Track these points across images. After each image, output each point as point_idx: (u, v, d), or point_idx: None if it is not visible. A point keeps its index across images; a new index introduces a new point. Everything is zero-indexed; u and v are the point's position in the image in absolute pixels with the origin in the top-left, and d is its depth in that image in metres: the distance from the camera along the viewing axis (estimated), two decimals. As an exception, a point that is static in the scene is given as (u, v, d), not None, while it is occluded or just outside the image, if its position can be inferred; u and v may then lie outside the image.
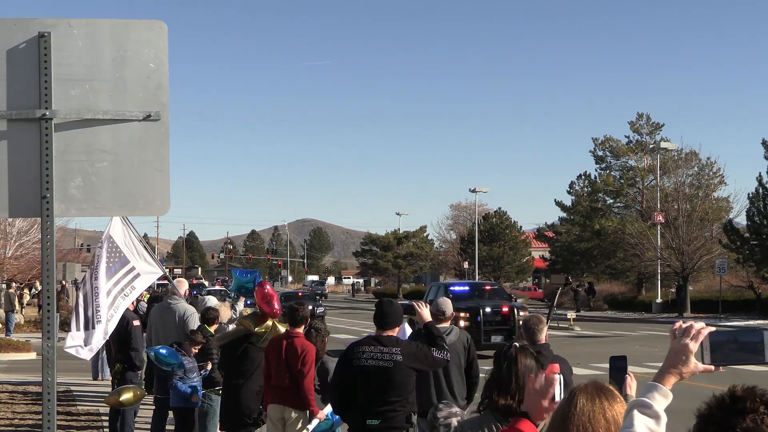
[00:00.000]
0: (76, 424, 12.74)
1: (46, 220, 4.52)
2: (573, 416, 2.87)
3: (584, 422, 2.85)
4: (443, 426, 5.07)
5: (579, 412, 2.87)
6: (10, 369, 20.69)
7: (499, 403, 3.97)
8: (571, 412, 2.89)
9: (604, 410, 2.87)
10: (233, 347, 8.80)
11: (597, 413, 2.86)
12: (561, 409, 2.99)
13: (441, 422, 5.09)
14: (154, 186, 4.65)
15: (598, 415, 2.86)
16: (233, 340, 8.86)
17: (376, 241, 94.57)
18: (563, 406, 2.97)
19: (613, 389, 3.00)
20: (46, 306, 4.49)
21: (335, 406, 6.97)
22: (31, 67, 4.50)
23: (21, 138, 4.51)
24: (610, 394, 2.94)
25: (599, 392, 2.93)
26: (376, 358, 6.48)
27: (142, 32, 4.64)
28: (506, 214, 77.66)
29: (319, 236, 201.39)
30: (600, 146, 61.59)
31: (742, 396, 2.20)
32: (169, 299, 11.22)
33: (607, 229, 58.50)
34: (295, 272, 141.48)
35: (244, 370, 8.60)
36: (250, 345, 8.62)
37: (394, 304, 6.86)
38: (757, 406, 2.17)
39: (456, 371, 7.91)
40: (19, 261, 33.39)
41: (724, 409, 2.19)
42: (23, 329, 31.38)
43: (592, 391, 2.93)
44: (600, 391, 2.94)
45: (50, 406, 4.47)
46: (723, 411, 2.19)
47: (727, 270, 44.19)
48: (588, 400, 2.90)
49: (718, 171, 55.27)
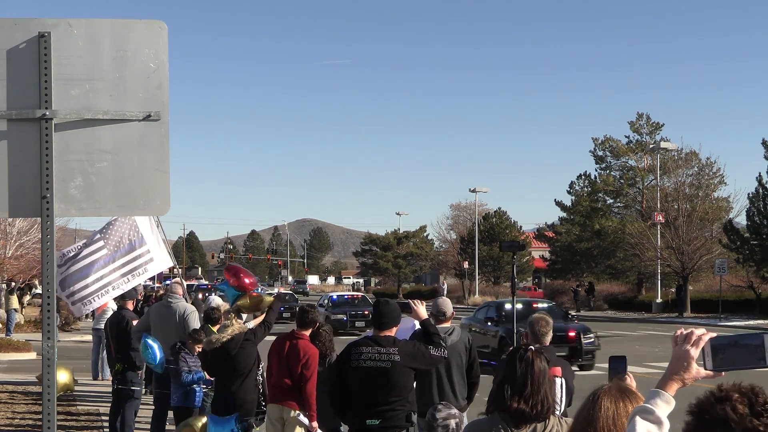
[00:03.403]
0: (76, 424, 12.74)
1: (46, 220, 4.52)
2: (598, 419, 2.92)
3: (609, 425, 2.91)
4: (441, 427, 5.04)
5: (603, 415, 2.92)
6: (10, 369, 20.69)
7: (513, 406, 3.90)
8: (596, 414, 2.93)
9: (628, 411, 2.92)
10: (227, 349, 8.65)
11: (621, 415, 2.92)
12: (584, 411, 3.02)
13: (440, 423, 5.07)
14: (154, 186, 4.65)
15: (622, 416, 2.91)
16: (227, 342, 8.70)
17: (376, 241, 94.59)
18: (586, 409, 3.01)
19: (635, 390, 3.05)
20: (46, 306, 4.49)
21: (334, 406, 6.97)
22: (31, 67, 4.50)
23: (21, 138, 4.51)
24: (633, 396, 3.00)
25: (622, 394, 2.99)
26: (374, 359, 6.49)
27: (142, 32, 4.64)
28: (506, 214, 77.76)
29: (319, 236, 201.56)
30: (600, 146, 61.59)
31: (722, 388, 2.30)
32: (169, 298, 11.23)
33: (607, 229, 58.49)
34: (295, 272, 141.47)
35: (243, 368, 8.55)
36: (246, 342, 8.56)
37: (390, 305, 6.87)
38: (731, 395, 2.26)
39: (457, 371, 7.91)
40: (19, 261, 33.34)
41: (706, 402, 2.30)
42: (23, 329, 31.37)
43: (615, 393, 2.99)
44: (623, 393, 3.00)
45: (50, 406, 4.47)
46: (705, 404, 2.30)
47: (727, 270, 44.21)
48: (612, 402, 2.95)
49: (718, 171, 55.26)
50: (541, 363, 3.97)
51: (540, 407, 3.89)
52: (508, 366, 4.01)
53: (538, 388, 3.90)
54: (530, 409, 3.88)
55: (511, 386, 3.92)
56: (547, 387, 3.94)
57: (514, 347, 4.14)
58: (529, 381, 3.91)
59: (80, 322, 37.27)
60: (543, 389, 3.91)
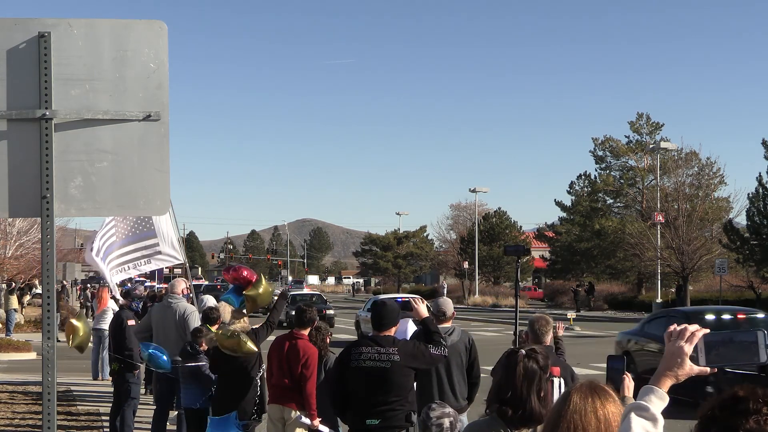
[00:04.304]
0: (76, 424, 12.73)
1: (46, 220, 4.52)
2: (566, 414, 2.92)
3: (576, 420, 2.91)
4: (435, 426, 5.03)
5: (571, 410, 2.93)
6: (10, 369, 20.69)
7: (505, 408, 3.90)
8: (565, 409, 2.94)
9: (596, 409, 2.92)
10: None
11: (589, 412, 2.92)
12: (556, 406, 3.05)
13: (433, 422, 5.06)
14: (154, 186, 4.65)
15: (589, 413, 2.92)
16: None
17: (376, 241, 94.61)
18: (558, 404, 3.03)
19: (609, 390, 3.04)
20: (46, 306, 4.49)
21: (334, 406, 6.98)
22: (31, 67, 4.50)
23: (21, 138, 4.51)
24: (604, 394, 2.99)
25: (593, 391, 2.98)
26: (374, 359, 6.50)
27: (142, 32, 4.64)
28: (506, 214, 77.75)
29: (319, 236, 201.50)
30: (600, 146, 61.59)
31: (744, 396, 2.19)
32: (169, 298, 11.22)
33: (607, 229, 58.50)
34: (295, 272, 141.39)
35: (244, 367, 8.54)
36: None
37: (388, 305, 6.87)
38: (760, 407, 2.16)
39: (458, 371, 7.92)
40: (19, 261, 33.35)
41: (726, 409, 2.19)
42: (23, 329, 31.36)
43: (585, 390, 2.99)
44: (593, 390, 2.99)
45: (50, 406, 4.47)
46: (725, 411, 2.18)
47: (727, 270, 44.19)
48: (581, 398, 2.96)
49: (718, 171, 55.26)
50: (532, 365, 3.92)
51: (534, 407, 3.87)
52: (502, 368, 4.00)
53: (531, 388, 3.88)
54: (524, 409, 3.86)
55: (504, 388, 3.91)
56: (536, 390, 3.90)
57: (511, 349, 4.13)
58: (523, 383, 3.89)
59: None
60: (535, 390, 3.89)
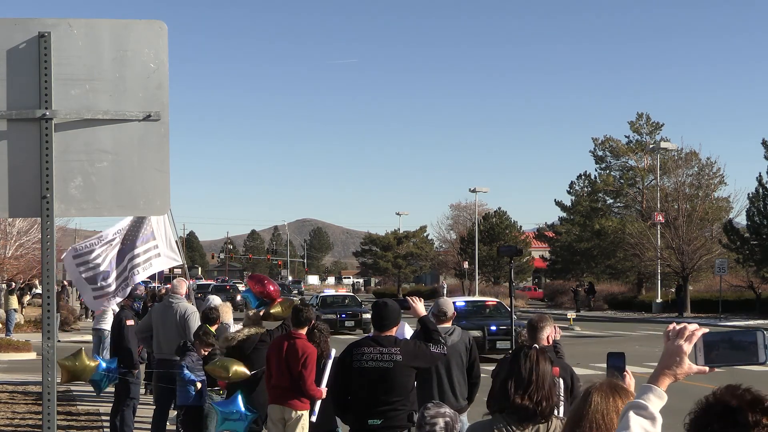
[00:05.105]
0: (76, 424, 12.73)
1: (46, 220, 4.52)
2: (587, 413, 2.95)
3: (598, 419, 2.94)
4: (428, 425, 5.03)
5: (593, 410, 2.96)
6: (10, 369, 20.69)
7: (516, 402, 3.92)
8: (586, 409, 2.96)
9: (618, 408, 2.95)
10: (242, 348, 8.67)
11: (611, 411, 2.95)
12: (577, 406, 3.06)
13: (427, 421, 5.06)
14: (154, 186, 4.65)
15: (611, 412, 2.94)
16: (242, 342, 8.72)
17: (376, 241, 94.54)
18: (579, 404, 3.05)
19: (629, 389, 3.06)
20: (46, 306, 4.49)
21: (335, 406, 6.97)
22: (31, 67, 4.51)
23: (21, 138, 4.51)
24: (625, 393, 3.02)
25: (613, 391, 3.01)
26: (376, 359, 6.49)
27: (142, 32, 4.64)
28: (506, 214, 77.67)
29: (319, 236, 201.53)
30: (600, 146, 61.60)
31: (739, 407, 2.15)
32: (170, 298, 11.22)
33: (607, 229, 58.50)
34: (295, 272, 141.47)
35: (255, 368, 8.54)
36: (262, 343, 8.58)
37: (389, 305, 6.87)
38: (759, 419, 2.12)
39: (458, 371, 7.92)
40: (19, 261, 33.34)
41: (722, 419, 2.15)
42: (23, 329, 31.36)
43: (606, 389, 3.01)
44: (614, 389, 3.02)
45: (50, 406, 4.47)
46: (722, 422, 2.15)
47: (727, 270, 44.25)
48: (602, 398, 2.98)
49: (718, 171, 55.27)
50: (546, 363, 4.00)
51: (544, 404, 3.91)
52: (512, 363, 4.03)
53: (543, 384, 3.93)
54: (534, 405, 3.89)
55: (515, 383, 3.93)
56: (550, 386, 3.96)
57: (518, 346, 4.16)
58: (534, 378, 3.94)
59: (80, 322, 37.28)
60: (547, 387, 3.94)
